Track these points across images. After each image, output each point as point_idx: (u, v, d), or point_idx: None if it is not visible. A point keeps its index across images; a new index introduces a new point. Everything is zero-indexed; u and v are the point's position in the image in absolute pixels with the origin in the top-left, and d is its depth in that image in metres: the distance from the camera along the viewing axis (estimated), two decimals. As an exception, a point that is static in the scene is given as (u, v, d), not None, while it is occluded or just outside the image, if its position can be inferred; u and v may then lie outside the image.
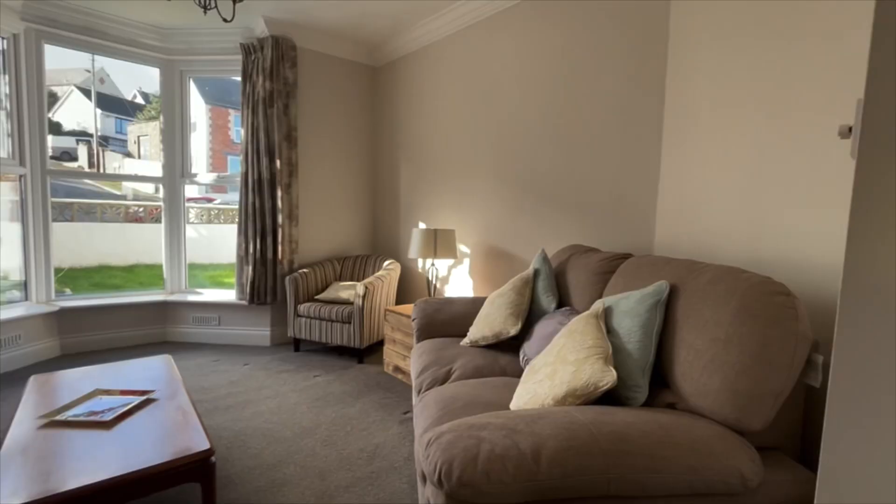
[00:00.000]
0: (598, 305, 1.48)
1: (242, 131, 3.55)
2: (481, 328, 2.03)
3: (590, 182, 2.40)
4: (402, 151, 3.87)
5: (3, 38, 3.10)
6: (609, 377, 1.18)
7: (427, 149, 3.58)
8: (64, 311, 3.31)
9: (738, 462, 1.00)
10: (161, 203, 3.85)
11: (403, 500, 1.72)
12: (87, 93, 15.28)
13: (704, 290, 1.25)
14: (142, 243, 7.67)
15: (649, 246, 2.13)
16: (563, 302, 2.02)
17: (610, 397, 1.29)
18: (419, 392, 1.77)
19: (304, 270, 3.52)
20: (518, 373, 1.83)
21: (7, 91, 3.13)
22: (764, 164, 1.65)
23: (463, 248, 3.25)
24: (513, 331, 1.92)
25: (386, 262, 3.63)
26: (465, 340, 2.09)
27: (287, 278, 3.44)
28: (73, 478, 1.24)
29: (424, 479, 1.21)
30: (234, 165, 15.44)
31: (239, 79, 3.66)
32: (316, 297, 3.52)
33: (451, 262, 3.37)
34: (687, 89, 1.92)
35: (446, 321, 2.34)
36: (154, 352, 3.41)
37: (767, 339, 1.07)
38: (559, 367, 1.32)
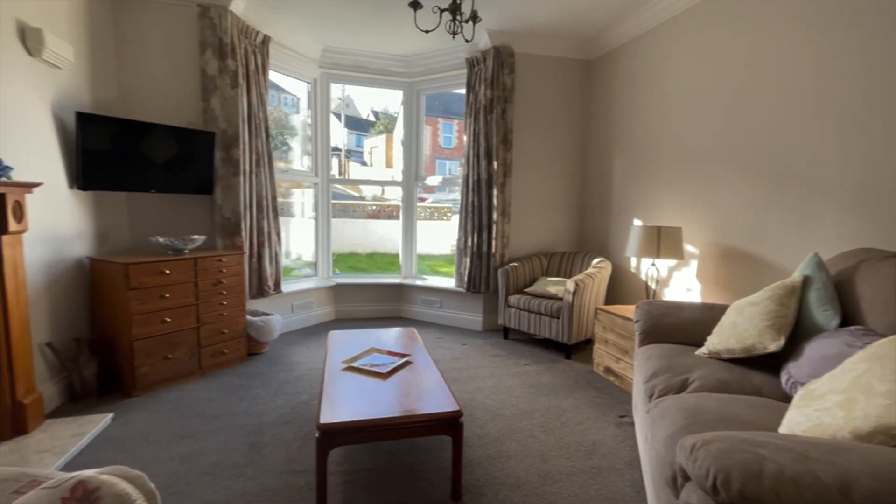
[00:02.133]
0: (922, 327, 1.15)
1: (465, 138, 3.97)
2: (725, 339, 1.80)
3: (889, 171, 1.84)
4: (616, 145, 3.70)
5: (308, 83, 4.23)
6: (953, 420, 0.91)
7: (646, 141, 3.34)
8: (337, 286, 4.35)
9: None
10: (399, 202, 4.64)
11: (627, 501, 1.69)
12: (337, 115, 19.50)
13: None
14: (377, 236, 9.42)
15: None
16: (846, 319, 1.63)
17: (946, 447, 1.00)
18: (650, 397, 1.70)
19: (515, 264, 3.74)
20: (778, 395, 1.56)
21: (309, 121, 4.27)
22: None
23: (689, 248, 2.92)
24: (772, 346, 1.64)
25: (595, 260, 3.54)
26: (703, 350, 1.89)
27: (499, 270, 3.72)
28: (369, 409, 1.64)
29: (674, 484, 1.17)
30: (441, 168, 17.32)
31: (457, 90, 4.12)
32: (525, 289, 3.70)
33: (672, 263, 3.08)
34: None
35: (674, 326, 2.16)
36: (393, 325, 4.15)
37: None
38: (858, 396, 1.09)
